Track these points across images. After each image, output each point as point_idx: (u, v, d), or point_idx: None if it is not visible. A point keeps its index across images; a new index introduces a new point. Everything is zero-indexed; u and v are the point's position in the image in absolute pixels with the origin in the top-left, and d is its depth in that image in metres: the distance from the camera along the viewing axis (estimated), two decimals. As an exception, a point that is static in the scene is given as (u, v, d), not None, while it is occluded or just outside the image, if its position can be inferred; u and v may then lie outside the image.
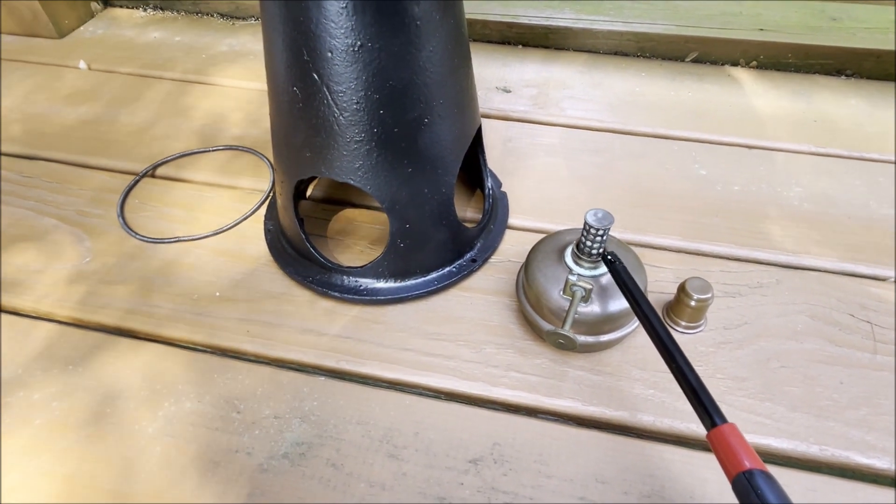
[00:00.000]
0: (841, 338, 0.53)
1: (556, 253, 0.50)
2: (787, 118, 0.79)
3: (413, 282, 0.56)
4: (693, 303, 0.50)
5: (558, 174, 0.70)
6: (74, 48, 0.94)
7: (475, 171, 0.65)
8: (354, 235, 0.63)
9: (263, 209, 0.66)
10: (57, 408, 0.49)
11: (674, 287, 0.53)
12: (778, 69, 0.88)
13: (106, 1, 1.05)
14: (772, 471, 0.32)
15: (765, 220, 0.64)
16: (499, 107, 0.82)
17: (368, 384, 0.51)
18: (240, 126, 0.78)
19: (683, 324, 0.53)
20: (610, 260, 0.46)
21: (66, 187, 0.69)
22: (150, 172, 0.71)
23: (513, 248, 0.61)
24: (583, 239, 0.46)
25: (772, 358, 0.51)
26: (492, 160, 0.72)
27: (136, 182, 0.69)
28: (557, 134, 0.77)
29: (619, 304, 0.47)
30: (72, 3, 0.98)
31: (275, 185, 0.66)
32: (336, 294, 0.55)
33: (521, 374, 0.51)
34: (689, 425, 0.47)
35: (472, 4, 0.94)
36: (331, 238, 0.63)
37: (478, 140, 0.60)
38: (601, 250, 0.46)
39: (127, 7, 1.05)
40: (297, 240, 0.57)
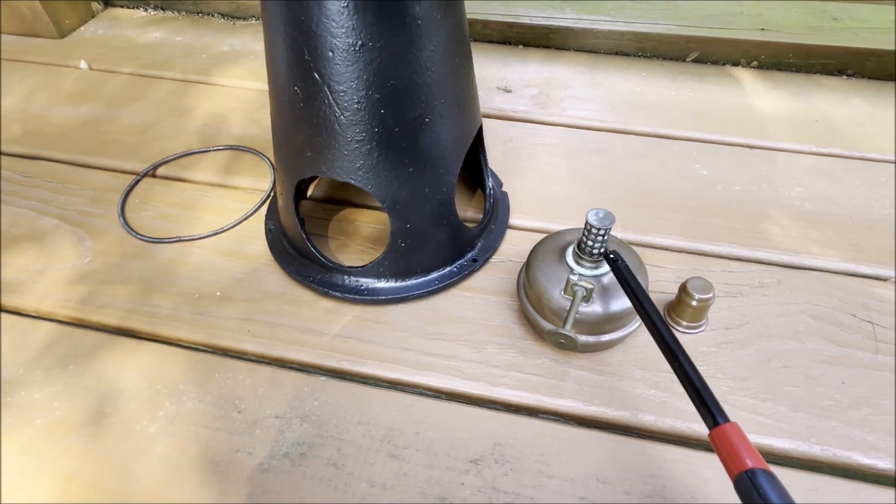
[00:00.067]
0: (842, 338, 0.53)
1: (557, 253, 0.50)
2: (788, 118, 0.78)
3: (414, 281, 0.56)
4: (694, 303, 0.50)
5: (559, 174, 0.70)
6: (75, 48, 0.94)
7: (476, 171, 0.65)
8: (355, 235, 0.63)
9: (264, 209, 0.66)
10: (57, 407, 0.49)
11: (675, 287, 0.53)
12: (779, 69, 0.88)
13: (107, 1, 1.05)
14: (773, 471, 0.32)
15: (766, 220, 0.64)
16: (500, 107, 0.82)
17: (369, 384, 0.51)
18: (240, 126, 0.78)
19: (685, 324, 0.53)
20: (612, 258, 0.46)
21: (66, 187, 0.69)
22: (151, 172, 0.71)
23: (514, 247, 0.61)
24: (584, 239, 0.46)
25: (773, 358, 0.51)
26: (493, 160, 0.72)
27: (136, 182, 0.69)
28: (558, 134, 0.77)
29: (621, 303, 0.47)
30: (73, 3, 0.98)
31: (275, 185, 0.66)
32: (337, 294, 0.55)
33: (522, 373, 0.51)
34: (691, 425, 0.47)
35: (473, 4, 0.94)
36: (332, 238, 0.63)
37: (479, 140, 0.60)
38: (602, 250, 0.46)
39: (128, 7, 1.05)
40: (297, 239, 0.57)
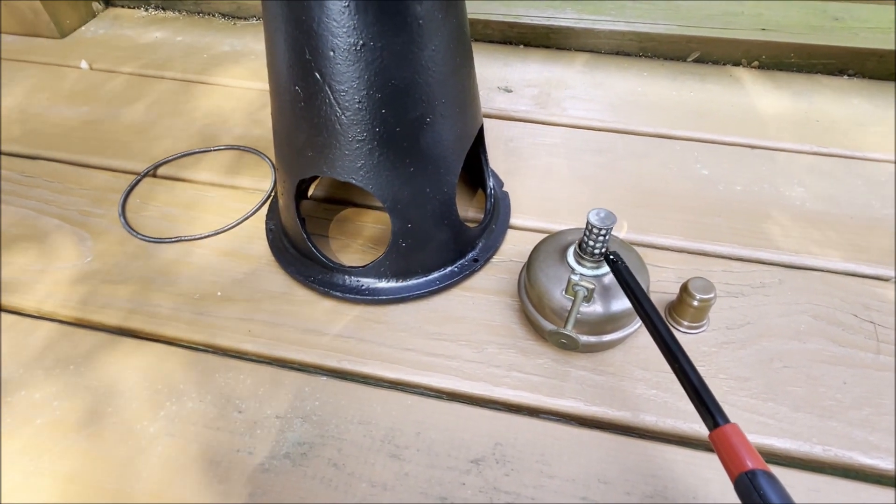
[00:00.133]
0: (844, 338, 0.53)
1: (558, 253, 0.50)
2: (789, 118, 0.78)
3: (415, 281, 0.56)
4: (695, 303, 0.50)
5: (560, 174, 0.70)
6: (76, 48, 0.94)
7: (477, 171, 0.65)
8: (356, 235, 0.63)
9: (265, 209, 0.66)
10: (58, 407, 0.49)
11: (676, 287, 0.53)
12: (780, 69, 0.88)
13: (107, 1, 1.05)
14: (774, 471, 0.32)
15: (767, 220, 0.64)
16: (500, 107, 0.81)
17: (370, 384, 0.51)
18: (241, 126, 0.78)
19: (686, 324, 0.53)
20: (612, 260, 0.46)
21: (67, 187, 0.69)
22: (152, 172, 0.71)
23: (514, 247, 0.61)
24: (585, 238, 0.46)
25: (774, 358, 0.51)
26: (493, 160, 0.72)
27: (137, 182, 0.69)
28: (559, 134, 0.77)
29: (622, 303, 0.47)
30: (73, 3, 0.98)
31: (276, 185, 0.66)
32: (338, 294, 0.55)
33: (523, 373, 0.51)
34: (692, 425, 0.47)
35: (473, 4, 0.94)
36: (332, 238, 0.63)
37: (479, 140, 0.60)
38: (604, 250, 0.46)
39: (128, 7, 1.05)
40: (298, 239, 0.57)
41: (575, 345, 0.43)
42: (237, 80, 0.86)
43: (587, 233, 0.45)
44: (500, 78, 0.87)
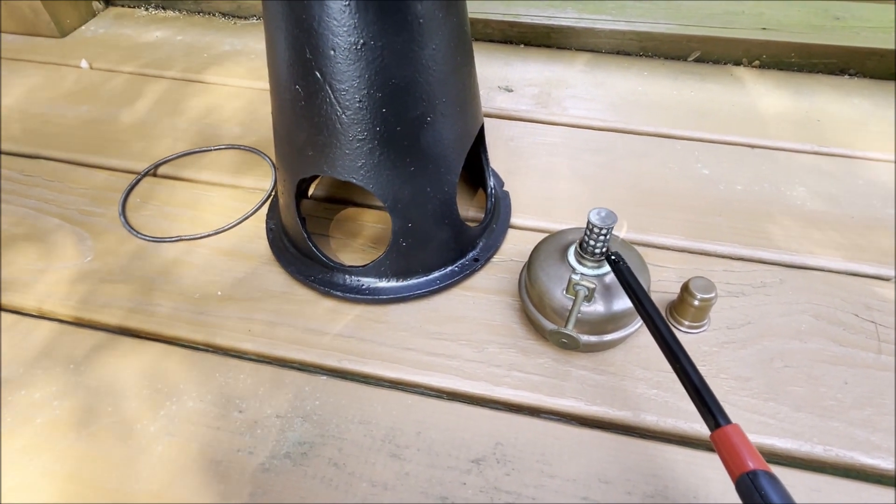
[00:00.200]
0: (845, 338, 0.53)
1: (558, 252, 0.50)
2: (789, 117, 0.78)
3: (415, 281, 0.56)
4: (696, 302, 0.50)
5: (561, 173, 0.70)
6: (76, 47, 0.94)
7: (477, 171, 0.65)
8: (356, 234, 0.63)
9: (265, 208, 0.66)
10: (58, 407, 0.49)
11: (677, 287, 0.53)
12: (780, 68, 0.88)
13: (108, 0, 1.05)
14: (775, 471, 0.32)
15: (768, 220, 0.64)
16: (501, 106, 0.81)
17: (370, 383, 0.51)
18: (242, 125, 0.78)
19: (687, 323, 0.53)
20: (613, 259, 0.46)
21: (67, 186, 0.69)
22: (152, 171, 0.71)
23: (515, 247, 0.61)
24: (586, 238, 0.46)
25: (775, 358, 0.51)
26: (494, 159, 0.72)
27: (137, 181, 0.69)
28: (560, 133, 0.77)
29: (623, 303, 0.47)
30: (73, 3, 0.98)
31: (276, 184, 0.66)
32: (338, 293, 0.55)
33: (523, 373, 0.51)
34: (693, 425, 0.47)
35: (474, 4, 0.94)
36: (333, 237, 0.63)
37: (480, 139, 0.60)
38: (604, 249, 0.46)
39: (129, 6, 1.05)
40: (299, 239, 0.57)
41: (576, 344, 0.43)
42: (237, 80, 0.86)
43: (588, 232, 0.45)
44: (500, 77, 0.87)
